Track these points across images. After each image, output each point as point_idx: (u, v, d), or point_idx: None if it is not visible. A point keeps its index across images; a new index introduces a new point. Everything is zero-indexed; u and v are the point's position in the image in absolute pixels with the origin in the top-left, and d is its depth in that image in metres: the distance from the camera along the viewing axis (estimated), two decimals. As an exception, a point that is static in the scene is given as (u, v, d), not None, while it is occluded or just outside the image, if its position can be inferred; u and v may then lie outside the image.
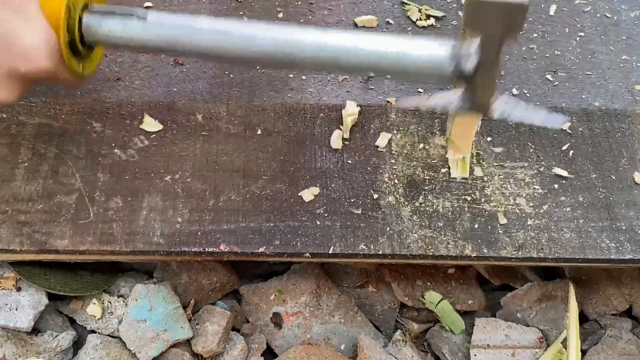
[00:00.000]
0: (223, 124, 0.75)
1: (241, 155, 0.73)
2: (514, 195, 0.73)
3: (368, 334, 0.80)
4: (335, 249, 0.68)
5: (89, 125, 0.74)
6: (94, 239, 0.68)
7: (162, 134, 0.74)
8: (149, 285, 0.76)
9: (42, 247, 0.67)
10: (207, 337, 0.75)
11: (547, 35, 0.85)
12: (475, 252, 0.69)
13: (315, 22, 0.84)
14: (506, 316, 0.81)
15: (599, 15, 0.87)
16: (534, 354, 0.77)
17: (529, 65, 0.82)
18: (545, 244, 0.70)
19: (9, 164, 0.71)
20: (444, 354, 0.79)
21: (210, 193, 0.71)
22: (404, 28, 0.84)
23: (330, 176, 0.72)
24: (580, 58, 0.83)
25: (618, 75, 0.82)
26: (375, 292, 0.83)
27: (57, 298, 0.77)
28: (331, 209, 0.70)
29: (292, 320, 0.80)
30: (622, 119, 0.78)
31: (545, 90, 0.80)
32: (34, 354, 0.73)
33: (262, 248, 0.68)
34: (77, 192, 0.70)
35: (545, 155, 0.75)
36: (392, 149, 0.75)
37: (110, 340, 0.76)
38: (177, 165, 0.72)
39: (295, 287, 0.81)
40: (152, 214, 0.69)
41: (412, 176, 0.73)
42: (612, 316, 0.83)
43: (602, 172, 0.74)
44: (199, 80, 0.79)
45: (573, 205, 0.72)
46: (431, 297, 0.81)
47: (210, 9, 0.84)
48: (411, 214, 0.71)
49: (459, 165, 0.73)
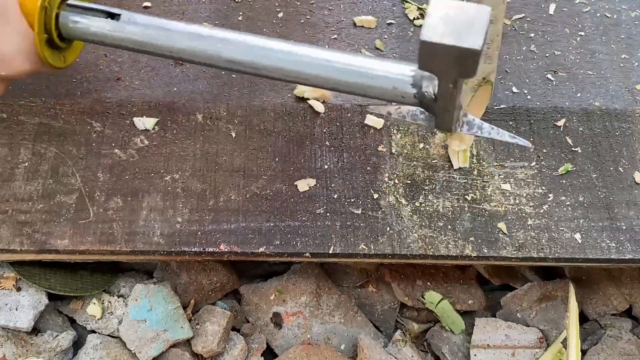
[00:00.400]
0: (223, 124, 0.75)
1: (241, 155, 0.73)
2: (514, 195, 0.73)
3: (368, 334, 0.80)
4: (335, 249, 0.68)
5: (89, 125, 0.74)
6: (94, 239, 0.68)
7: (162, 133, 0.74)
8: (149, 285, 0.76)
9: (42, 247, 0.67)
10: (207, 337, 0.75)
11: (547, 35, 0.85)
12: (475, 252, 0.69)
13: (315, 22, 0.84)
14: (506, 316, 0.81)
15: (599, 15, 0.87)
16: (534, 354, 0.77)
17: (529, 65, 0.82)
18: (546, 244, 0.70)
19: (9, 164, 0.71)
20: (444, 354, 0.79)
21: (210, 193, 0.71)
22: (404, 28, 0.84)
23: (330, 176, 0.72)
24: (580, 58, 0.83)
25: (618, 75, 0.82)
26: (375, 292, 0.83)
27: (57, 298, 0.77)
28: (331, 209, 0.70)
29: (292, 320, 0.80)
30: (622, 118, 0.78)
31: (545, 90, 0.80)
32: (34, 354, 0.73)
33: (262, 248, 0.68)
34: (77, 192, 0.70)
35: (545, 155, 0.75)
36: (392, 149, 0.75)
37: (110, 340, 0.76)
38: (177, 165, 0.72)
39: (295, 287, 0.81)
40: (152, 214, 0.69)
41: (412, 176, 0.73)
42: (612, 316, 0.83)
43: (602, 171, 0.74)
44: (199, 80, 0.79)
45: (573, 205, 0.72)
46: (431, 297, 0.81)
47: (211, 9, 0.84)
48: (411, 213, 0.71)
49: (460, 156, 0.73)
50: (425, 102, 0.56)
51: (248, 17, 0.84)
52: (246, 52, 0.59)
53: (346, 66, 0.57)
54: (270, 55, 0.58)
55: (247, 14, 0.84)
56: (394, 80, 0.56)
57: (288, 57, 0.58)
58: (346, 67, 0.57)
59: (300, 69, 0.58)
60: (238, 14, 0.84)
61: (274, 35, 0.82)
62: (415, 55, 0.50)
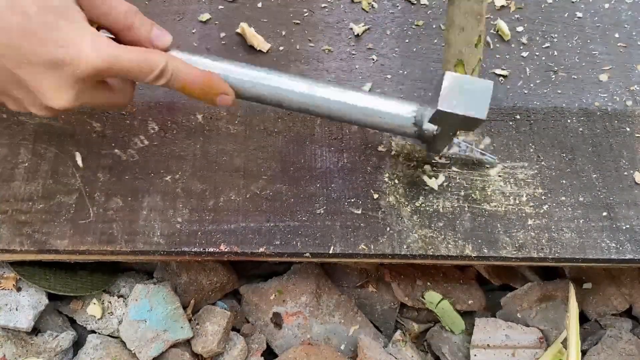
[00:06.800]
0: (223, 124, 0.75)
1: (241, 155, 0.73)
2: (514, 195, 0.73)
3: (368, 334, 0.80)
4: (335, 249, 0.68)
5: (89, 125, 0.74)
6: (94, 239, 0.68)
7: (162, 133, 0.74)
8: (149, 285, 0.76)
9: (42, 247, 0.67)
10: (207, 337, 0.75)
11: (547, 35, 0.85)
12: (475, 252, 0.69)
13: (315, 22, 0.84)
14: (506, 316, 0.81)
15: (599, 15, 0.87)
16: (534, 354, 0.77)
17: (529, 65, 0.82)
18: (546, 244, 0.70)
19: (9, 164, 0.71)
20: (444, 354, 0.79)
21: (210, 193, 0.71)
22: (403, 30, 0.84)
23: (330, 176, 0.72)
24: (580, 58, 0.83)
25: (618, 75, 0.82)
26: (375, 292, 0.83)
27: (57, 298, 0.77)
28: (331, 209, 0.70)
29: (292, 320, 0.80)
30: (622, 119, 0.78)
31: (545, 90, 0.80)
32: (34, 354, 0.73)
33: (262, 248, 0.68)
34: (77, 192, 0.70)
35: (545, 155, 0.75)
36: (392, 149, 0.75)
37: (110, 340, 0.76)
38: (177, 165, 0.72)
39: (295, 287, 0.81)
40: (152, 214, 0.69)
41: (412, 176, 0.73)
42: (612, 316, 0.83)
43: (603, 172, 0.75)
44: (199, 80, 0.79)
45: (573, 205, 0.72)
46: (431, 297, 0.81)
47: (211, 9, 0.84)
48: (411, 214, 0.71)
49: None
50: (424, 137, 0.65)
51: (248, 16, 0.83)
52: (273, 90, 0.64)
53: (359, 106, 0.64)
54: (294, 95, 0.64)
55: (246, 13, 0.84)
56: (399, 118, 0.64)
57: (308, 99, 0.64)
58: (359, 106, 0.64)
59: (318, 106, 0.65)
60: (238, 12, 0.84)
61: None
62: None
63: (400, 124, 0.65)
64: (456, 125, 0.61)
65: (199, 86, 0.61)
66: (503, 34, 0.84)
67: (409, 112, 0.64)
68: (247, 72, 0.64)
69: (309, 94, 0.64)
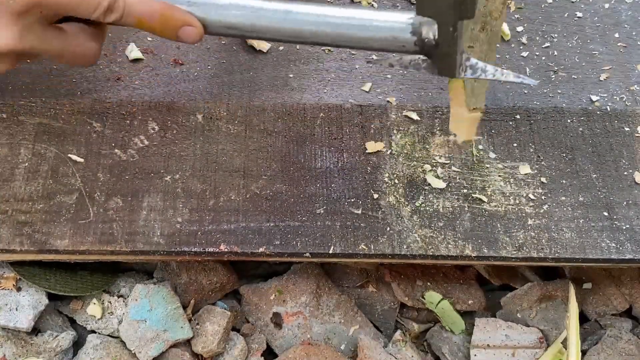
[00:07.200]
0: (223, 124, 0.76)
1: (241, 155, 0.73)
2: (514, 195, 0.73)
3: (368, 334, 0.80)
4: (335, 249, 0.69)
5: (89, 125, 0.74)
6: (94, 239, 0.68)
7: (162, 133, 0.74)
8: (149, 285, 0.76)
9: (42, 247, 0.67)
10: (207, 337, 0.75)
11: (547, 35, 0.85)
12: (475, 252, 0.69)
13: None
14: (506, 316, 0.81)
15: (599, 15, 0.87)
16: (534, 354, 0.77)
17: (529, 65, 0.82)
18: (546, 244, 0.70)
19: (9, 164, 0.71)
20: (444, 354, 0.79)
21: (210, 193, 0.71)
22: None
23: (330, 176, 0.73)
24: (580, 58, 0.83)
25: (618, 75, 0.82)
26: (375, 292, 0.83)
27: (57, 298, 0.77)
28: (331, 209, 0.70)
29: (292, 320, 0.80)
30: (622, 118, 0.78)
31: (545, 90, 0.80)
32: (34, 354, 0.73)
33: (262, 248, 0.68)
34: (77, 192, 0.70)
35: (545, 155, 0.75)
36: (392, 149, 0.75)
37: (110, 340, 0.76)
38: (177, 165, 0.72)
39: (295, 287, 0.81)
40: (152, 214, 0.69)
41: (412, 176, 0.73)
42: (612, 316, 0.83)
43: (603, 172, 0.75)
44: (199, 80, 0.79)
45: (573, 205, 0.72)
46: (431, 297, 0.81)
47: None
48: (411, 213, 0.71)
49: (466, 128, 0.69)
50: (426, 49, 0.55)
51: None
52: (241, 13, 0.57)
53: (345, 20, 0.56)
54: (265, 15, 0.57)
55: None
56: (393, 29, 0.55)
57: (284, 17, 0.56)
58: (345, 21, 0.56)
59: (297, 27, 0.57)
60: None
61: None
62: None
63: (396, 35, 0.55)
64: (448, 10, 0.51)
65: (157, 19, 0.55)
66: (503, 34, 0.84)
67: (404, 20, 0.55)
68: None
69: (286, 12, 0.56)
